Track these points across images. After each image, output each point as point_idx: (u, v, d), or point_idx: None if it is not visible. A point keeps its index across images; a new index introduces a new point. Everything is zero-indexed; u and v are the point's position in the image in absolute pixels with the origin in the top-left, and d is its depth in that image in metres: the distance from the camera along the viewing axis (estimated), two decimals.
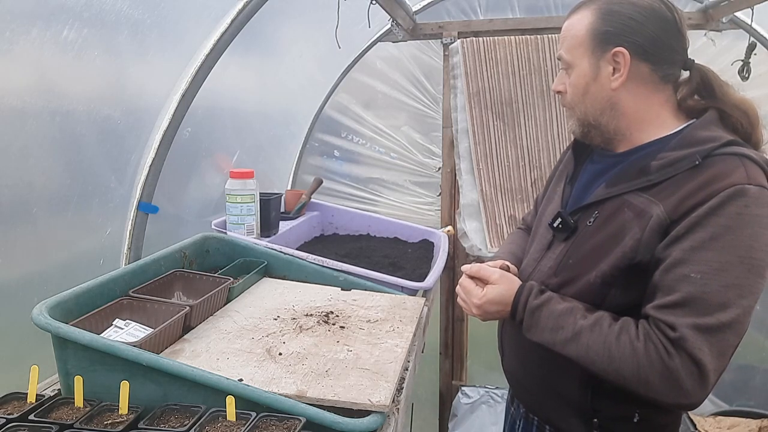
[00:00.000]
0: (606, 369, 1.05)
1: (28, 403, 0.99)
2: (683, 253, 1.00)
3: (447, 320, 2.86)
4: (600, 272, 1.11)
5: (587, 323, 1.08)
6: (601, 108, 1.16)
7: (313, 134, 3.18)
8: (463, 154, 2.61)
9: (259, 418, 0.94)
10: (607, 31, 1.11)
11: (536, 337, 1.15)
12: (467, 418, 2.76)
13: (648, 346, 1.01)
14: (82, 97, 1.59)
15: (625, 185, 1.12)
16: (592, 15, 1.13)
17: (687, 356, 0.97)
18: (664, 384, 0.99)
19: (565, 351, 1.10)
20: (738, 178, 1.00)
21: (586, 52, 1.14)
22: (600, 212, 1.15)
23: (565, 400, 1.22)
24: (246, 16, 1.93)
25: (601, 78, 1.14)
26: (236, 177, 1.81)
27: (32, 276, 1.54)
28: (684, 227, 1.01)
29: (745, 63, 2.46)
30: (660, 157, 1.09)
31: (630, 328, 1.05)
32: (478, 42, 2.51)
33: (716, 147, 1.05)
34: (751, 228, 0.99)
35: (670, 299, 1.01)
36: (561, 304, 1.13)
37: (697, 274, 0.99)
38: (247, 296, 1.50)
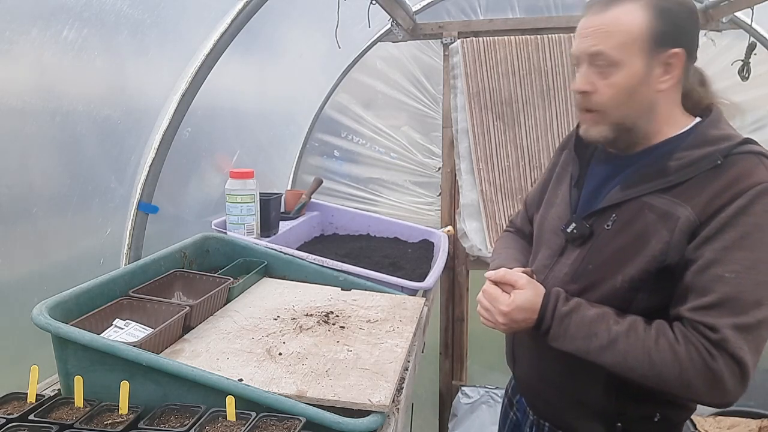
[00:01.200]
0: (646, 374, 1.04)
1: (28, 403, 0.99)
2: (715, 253, 1.00)
3: (447, 320, 2.86)
4: (627, 276, 1.09)
5: (622, 329, 1.06)
6: (642, 110, 1.12)
7: (313, 134, 3.18)
8: (463, 154, 2.61)
9: (259, 418, 0.94)
10: (665, 32, 1.07)
11: (566, 346, 1.11)
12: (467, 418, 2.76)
13: (689, 349, 1.00)
14: (82, 97, 1.59)
15: (644, 187, 1.10)
16: (645, 12, 1.07)
17: (729, 357, 0.97)
18: (707, 385, 0.99)
19: (600, 359, 1.07)
20: (761, 176, 1.01)
21: (641, 51, 1.07)
22: (618, 215, 1.13)
23: (588, 406, 1.20)
24: (246, 16, 1.92)
25: (651, 79, 1.09)
26: (236, 177, 1.81)
27: (32, 276, 1.54)
28: (714, 228, 1.01)
29: (745, 63, 2.46)
30: (677, 157, 1.08)
31: (667, 331, 1.04)
32: (478, 42, 2.51)
33: (734, 146, 1.05)
34: None
35: (707, 300, 1.00)
36: (591, 310, 1.10)
37: (732, 274, 0.99)
38: (247, 296, 1.50)
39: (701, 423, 2.67)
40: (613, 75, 1.09)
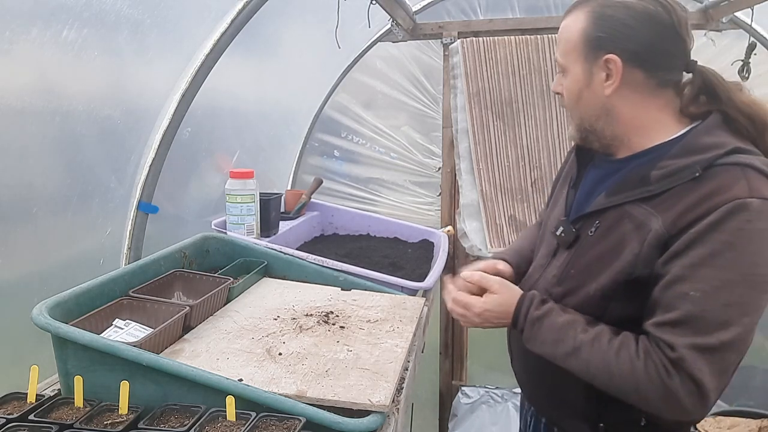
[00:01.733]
0: (606, 384, 1.05)
1: (28, 403, 0.99)
2: (683, 269, 0.98)
3: (447, 320, 2.86)
4: (600, 285, 1.09)
5: (587, 338, 1.06)
6: (596, 114, 1.13)
7: (313, 134, 3.18)
8: (463, 154, 2.61)
9: (259, 418, 0.94)
10: (599, 37, 1.08)
11: (537, 349, 1.13)
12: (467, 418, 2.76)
13: (648, 365, 0.99)
14: (82, 97, 1.59)
15: (626, 195, 1.09)
16: (585, 18, 1.09)
17: (686, 376, 0.96)
18: (663, 402, 0.99)
19: (565, 364, 1.09)
20: (739, 191, 0.96)
21: (579, 58, 1.11)
22: (601, 222, 1.12)
23: (571, 405, 1.21)
24: (246, 16, 1.93)
25: (594, 84, 1.11)
26: (236, 177, 1.81)
27: (32, 276, 1.54)
28: (683, 243, 0.98)
29: (745, 63, 2.46)
30: (660, 166, 1.05)
31: (630, 344, 1.03)
32: (478, 42, 2.51)
33: (719, 156, 1.01)
34: (755, 243, 0.95)
35: (669, 317, 0.98)
36: (562, 317, 1.11)
37: (697, 292, 0.96)
38: (247, 296, 1.50)
39: (701, 423, 2.67)
40: (566, 80, 1.15)
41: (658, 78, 1.09)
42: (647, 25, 1.06)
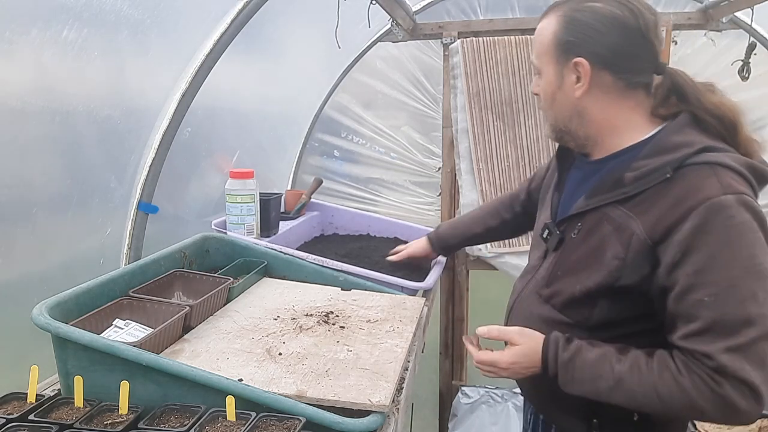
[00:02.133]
0: (656, 408, 1.04)
1: (28, 403, 0.99)
2: (688, 278, 0.99)
3: (447, 320, 2.86)
4: (584, 287, 1.11)
5: (625, 368, 1.05)
6: (568, 115, 1.17)
7: (313, 134, 3.18)
8: (463, 154, 2.61)
9: (259, 418, 0.94)
10: (569, 41, 1.11)
11: (576, 390, 1.11)
12: (467, 418, 2.75)
13: (694, 380, 0.99)
14: (82, 97, 1.59)
15: (603, 197, 1.11)
16: (557, 22, 1.13)
17: (734, 380, 0.96)
18: (720, 411, 0.98)
19: (610, 399, 1.07)
20: (711, 190, 0.99)
21: (551, 60, 1.14)
22: (583, 224, 1.15)
23: (566, 404, 1.21)
24: (246, 16, 1.92)
25: (565, 86, 1.14)
26: (236, 177, 1.81)
27: (32, 276, 1.54)
28: (678, 251, 1.00)
29: (745, 63, 2.46)
30: (634, 167, 1.08)
31: (669, 363, 1.02)
32: (478, 42, 2.51)
33: (688, 155, 1.03)
34: (745, 236, 0.98)
35: (694, 327, 0.99)
36: (592, 352, 1.09)
37: (710, 297, 0.97)
38: (247, 296, 1.50)
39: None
40: (540, 82, 1.19)
41: (627, 80, 1.11)
42: (614, 29, 1.08)
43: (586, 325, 1.14)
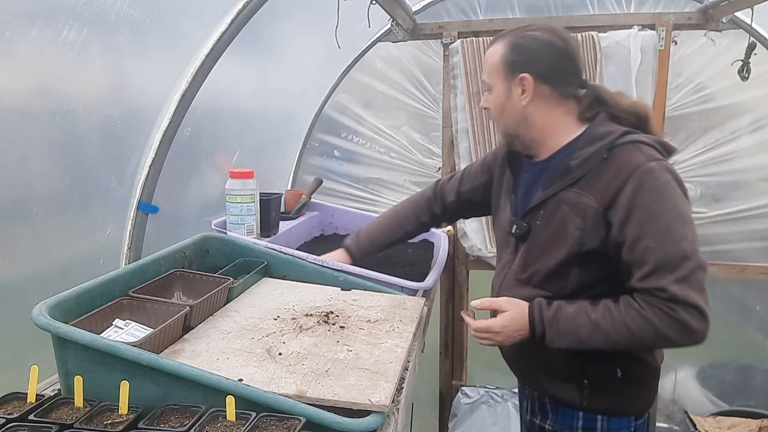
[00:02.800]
0: (630, 342, 1.26)
1: (28, 403, 0.99)
2: (635, 231, 1.24)
3: (447, 320, 2.86)
4: (557, 260, 1.35)
5: (599, 314, 1.28)
6: (516, 122, 1.42)
7: (313, 134, 3.18)
8: (463, 154, 2.61)
9: (259, 418, 0.94)
10: (514, 60, 1.37)
11: (562, 343, 1.31)
12: (467, 418, 2.76)
13: (654, 311, 1.22)
14: (82, 97, 1.59)
15: (556, 185, 1.36)
16: (503, 47, 1.39)
17: (684, 304, 1.20)
18: (679, 333, 1.21)
19: (590, 344, 1.29)
20: (639, 160, 1.27)
21: (500, 77, 1.40)
22: (544, 212, 1.39)
23: (558, 372, 1.44)
24: (246, 17, 1.92)
25: (513, 98, 1.40)
26: (236, 177, 1.81)
27: (32, 276, 1.54)
28: (623, 212, 1.25)
29: (745, 63, 2.46)
30: (576, 156, 1.34)
31: (632, 302, 1.26)
32: (478, 42, 2.51)
33: (615, 138, 1.31)
34: (668, 191, 1.25)
35: (646, 270, 1.23)
36: (570, 307, 1.32)
37: (654, 243, 1.22)
38: (247, 296, 1.50)
39: (701, 423, 2.68)
40: (491, 96, 1.44)
41: (561, 91, 1.39)
42: (549, 51, 1.37)
43: (563, 294, 1.36)
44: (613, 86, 2.28)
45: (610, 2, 2.69)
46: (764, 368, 2.86)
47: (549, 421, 1.51)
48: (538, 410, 1.55)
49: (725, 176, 2.73)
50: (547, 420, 1.52)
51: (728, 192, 2.75)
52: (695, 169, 2.73)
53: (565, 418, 1.47)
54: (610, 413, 1.43)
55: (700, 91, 2.71)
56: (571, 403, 1.44)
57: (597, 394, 1.41)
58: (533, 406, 1.57)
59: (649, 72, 2.37)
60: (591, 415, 1.43)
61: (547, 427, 1.52)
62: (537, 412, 1.56)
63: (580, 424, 1.45)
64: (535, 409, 1.56)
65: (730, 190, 2.75)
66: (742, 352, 2.87)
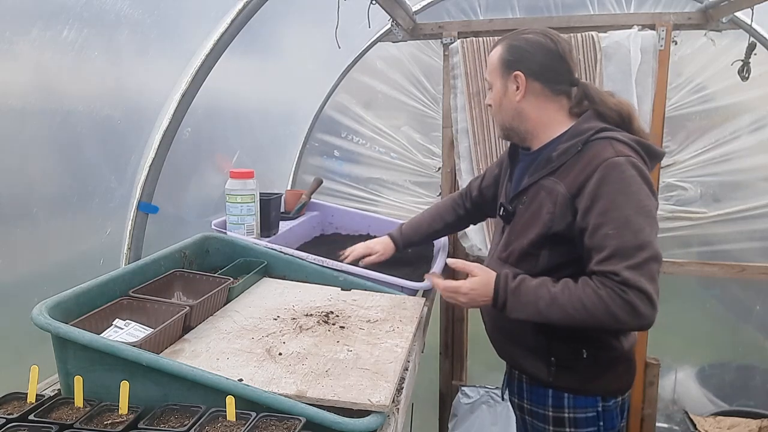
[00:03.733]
0: (584, 318, 1.34)
1: (28, 403, 0.99)
2: (597, 218, 1.34)
3: (447, 320, 2.86)
4: (529, 240, 1.47)
5: (558, 289, 1.37)
6: (511, 115, 1.54)
7: (313, 134, 3.17)
8: (463, 154, 2.61)
9: (259, 418, 0.94)
10: (509, 60, 1.51)
11: (521, 313, 1.40)
12: (467, 418, 2.75)
13: (608, 291, 1.31)
14: (82, 97, 1.59)
15: (539, 173, 1.48)
16: (501, 48, 1.53)
17: (635, 288, 1.29)
18: (627, 313, 1.30)
19: (548, 316, 1.37)
20: (608, 154, 1.37)
21: (498, 75, 1.53)
22: (527, 197, 1.51)
23: (528, 347, 1.54)
24: (246, 17, 1.92)
25: (508, 93, 1.52)
26: (236, 177, 1.81)
27: (32, 276, 1.54)
28: (588, 200, 1.36)
29: (745, 63, 2.46)
30: (557, 148, 1.47)
31: (589, 282, 1.35)
32: (478, 42, 2.51)
33: (592, 134, 1.43)
34: (633, 185, 1.34)
35: (603, 255, 1.33)
36: (533, 281, 1.41)
37: (613, 230, 1.32)
38: (247, 296, 1.50)
39: (701, 423, 2.67)
40: (492, 93, 1.56)
41: (552, 88, 1.50)
42: (540, 51, 1.49)
43: (533, 273, 1.44)
44: (613, 86, 2.30)
45: (610, 2, 2.69)
46: (764, 368, 2.85)
47: (526, 400, 1.62)
48: (516, 389, 1.65)
49: (725, 176, 2.73)
50: (524, 399, 1.62)
51: (728, 192, 2.75)
52: (695, 169, 2.73)
53: (538, 396, 1.57)
54: (575, 392, 1.52)
55: (700, 91, 2.70)
56: (540, 379, 1.54)
57: (563, 372, 1.51)
58: (512, 385, 1.68)
59: (649, 72, 2.37)
60: (558, 393, 1.53)
61: (525, 405, 1.62)
62: (515, 392, 1.66)
63: (551, 402, 1.55)
64: (514, 388, 1.67)
65: (730, 190, 2.75)
66: (742, 352, 2.86)
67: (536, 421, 1.59)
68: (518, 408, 1.67)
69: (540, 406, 1.57)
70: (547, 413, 1.55)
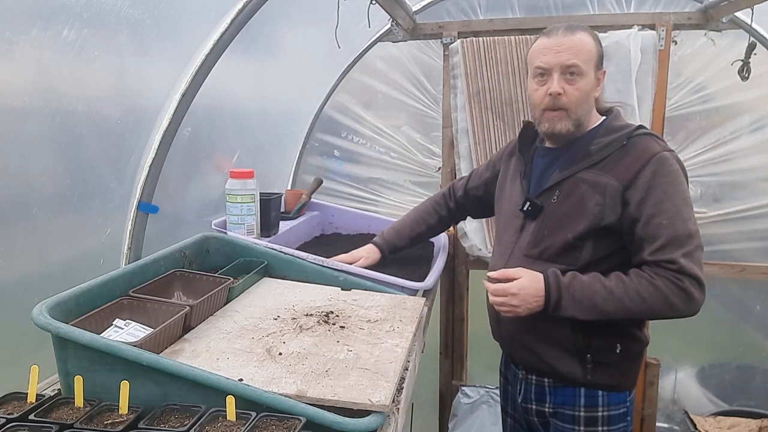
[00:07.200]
0: (641, 309, 1.38)
1: (28, 403, 0.99)
2: (651, 209, 1.39)
3: (447, 320, 2.86)
4: (576, 232, 1.46)
5: (612, 282, 1.40)
6: (589, 110, 1.55)
7: (313, 134, 3.17)
8: (463, 154, 2.61)
9: (259, 418, 0.94)
10: (601, 55, 1.54)
11: (577, 310, 1.40)
12: (467, 418, 2.75)
13: (664, 281, 1.36)
14: (82, 97, 1.59)
15: (576, 167, 1.50)
16: (593, 40, 1.51)
17: (690, 276, 1.35)
18: (683, 301, 1.36)
19: (604, 310, 1.39)
20: (656, 148, 1.44)
21: (593, 66, 1.51)
22: (560, 191, 1.51)
23: (562, 345, 1.52)
24: (246, 17, 1.92)
25: (595, 88, 1.53)
26: (236, 177, 1.81)
27: (32, 276, 1.54)
28: (642, 191, 1.40)
29: (745, 63, 2.46)
30: (595, 143, 1.50)
31: (642, 273, 1.39)
32: (478, 42, 2.51)
33: (632, 131, 1.49)
34: (679, 178, 1.43)
35: (658, 244, 1.38)
36: (584, 276, 1.42)
37: (667, 220, 1.38)
38: (247, 296, 1.50)
39: (701, 423, 2.67)
40: (579, 82, 1.49)
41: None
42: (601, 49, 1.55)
43: (575, 266, 1.46)
44: (613, 86, 2.30)
45: (610, 2, 2.69)
46: (764, 368, 2.85)
47: (548, 403, 1.58)
48: (535, 395, 1.60)
49: (725, 176, 2.73)
50: (545, 403, 1.58)
51: (728, 192, 2.75)
52: (695, 169, 2.73)
53: (566, 397, 1.54)
54: (610, 388, 1.52)
55: (700, 91, 2.71)
56: (574, 378, 1.51)
57: (599, 369, 1.50)
58: (528, 391, 1.62)
59: (649, 72, 2.37)
60: (592, 391, 1.52)
61: (547, 409, 1.58)
62: (532, 398, 1.61)
63: (582, 402, 1.53)
64: (530, 394, 1.61)
65: (730, 190, 2.75)
66: (742, 352, 2.86)
67: (563, 423, 1.55)
68: (536, 414, 1.62)
69: (569, 407, 1.54)
70: (578, 413, 1.53)
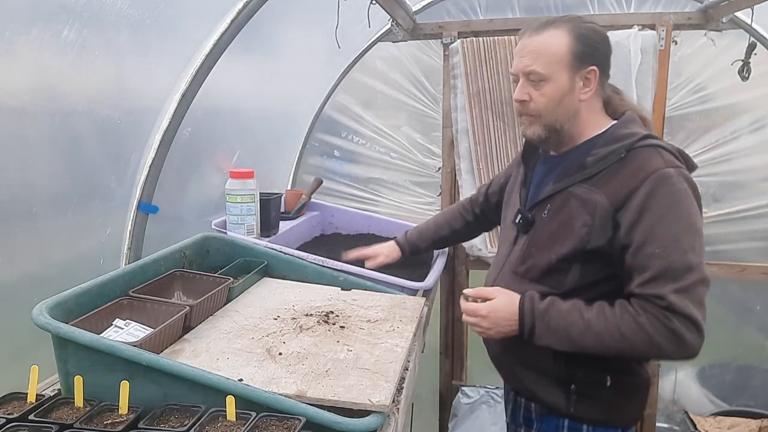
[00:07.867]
0: (621, 348, 1.21)
1: (28, 403, 0.99)
2: (642, 235, 1.20)
3: (447, 320, 2.86)
4: (559, 254, 1.30)
5: (593, 314, 1.23)
6: (567, 116, 1.35)
7: (313, 134, 3.17)
8: (463, 154, 2.61)
9: (259, 418, 0.94)
10: (582, 52, 1.30)
11: (551, 340, 1.26)
12: (467, 418, 2.75)
13: (649, 318, 1.18)
14: (82, 97, 1.59)
15: (569, 180, 1.33)
16: (567, 36, 1.30)
17: (681, 315, 1.16)
18: (672, 343, 1.17)
19: (581, 344, 1.24)
20: (658, 164, 1.23)
21: (565, 68, 1.31)
22: (551, 205, 1.35)
23: (545, 373, 1.38)
24: (246, 17, 1.92)
25: (574, 91, 1.33)
26: (236, 177, 1.81)
27: (32, 276, 1.54)
28: (634, 214, 1.21)
29: (745, 63, 2.46)
30: (593, 153, 1.31)
31: (628, 307, 1.21)
32: (478, 42, 2.51)
33: (635, 141, 1.27)
34: (684, 200, 1.21)
35: (647, 276, 1.19)
36: (563, 304, 1.26)
37: (660, 249, 1.18)
38: (247, 296, 1.50)
39: (701, 423, 2.67)
40: (544, 87, 1.32)
41: (604, 85, 1.37)
42: (605, 43, 1.34)
43: (560, 291, 1.30)
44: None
45: (610, 2, 2.69)
46: (764, 368, 2.85)
47: (534, 430, 1.45)
48: (523, 419, 1.49)
49: (725, 176, 2.73)
50: (531, 429, 1.46)
51: (728, 192, 2.75)
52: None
53: (549, 426, 1.41)
54: (596, 423, 1.36)
55: (700, 91, 2.70)
56: (557, 408, 1.38)
57: (584, 401, 1.35)
58: (516, 414, 1.52)
59: (649, 72, 2.37)
60: (576, 424, 1.37)
61: None
62: (521, 422, 1.50)
63: None
64: (519, 418, 1.50)
65: (730, 190, 2.75)
66: (742, 352, 2.86)
67: None
68: None
69: None
70: None
